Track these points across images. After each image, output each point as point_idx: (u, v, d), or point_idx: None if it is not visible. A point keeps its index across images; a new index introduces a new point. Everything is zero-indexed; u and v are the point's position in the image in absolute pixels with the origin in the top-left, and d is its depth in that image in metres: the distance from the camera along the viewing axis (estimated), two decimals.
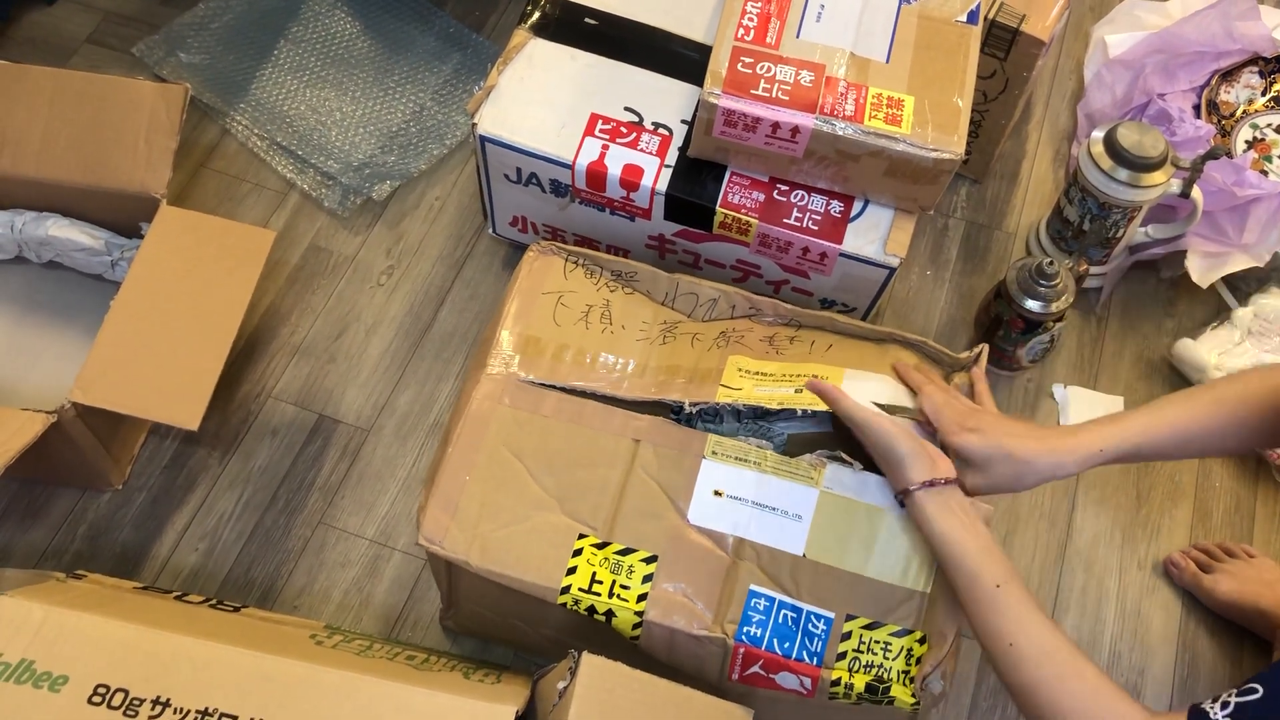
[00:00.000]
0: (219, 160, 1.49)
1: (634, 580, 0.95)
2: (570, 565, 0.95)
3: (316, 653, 0.93)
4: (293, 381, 1.32)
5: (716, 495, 0.98)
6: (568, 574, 0.95)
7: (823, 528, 0.96)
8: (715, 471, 0.99)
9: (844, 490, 0.97)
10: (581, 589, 0.94)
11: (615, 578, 0.95)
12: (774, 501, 0.97)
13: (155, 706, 0.84)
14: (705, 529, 0.97)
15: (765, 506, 0.97)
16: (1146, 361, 1.40)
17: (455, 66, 1.58)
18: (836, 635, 0.93)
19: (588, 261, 1.13)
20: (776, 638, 0.93)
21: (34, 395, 1.26)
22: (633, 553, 0.96)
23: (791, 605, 0.94)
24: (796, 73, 1.11)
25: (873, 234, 1.17)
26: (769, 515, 0.97)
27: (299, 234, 1.43)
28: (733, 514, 0.97)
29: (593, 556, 0.96)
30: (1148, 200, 1.29)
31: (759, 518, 0.97)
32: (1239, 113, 1.47)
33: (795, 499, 0.97)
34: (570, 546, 0.96)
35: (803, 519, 0.97)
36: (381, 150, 1.49)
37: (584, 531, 0.97)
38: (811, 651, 0.93)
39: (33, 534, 1.21)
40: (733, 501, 0.98)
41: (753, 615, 0.94)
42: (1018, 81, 1.35)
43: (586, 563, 0.96)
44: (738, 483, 0.98)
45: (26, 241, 1.30)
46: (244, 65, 1.55)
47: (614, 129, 1.18)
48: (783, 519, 0.97)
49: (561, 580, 0.95)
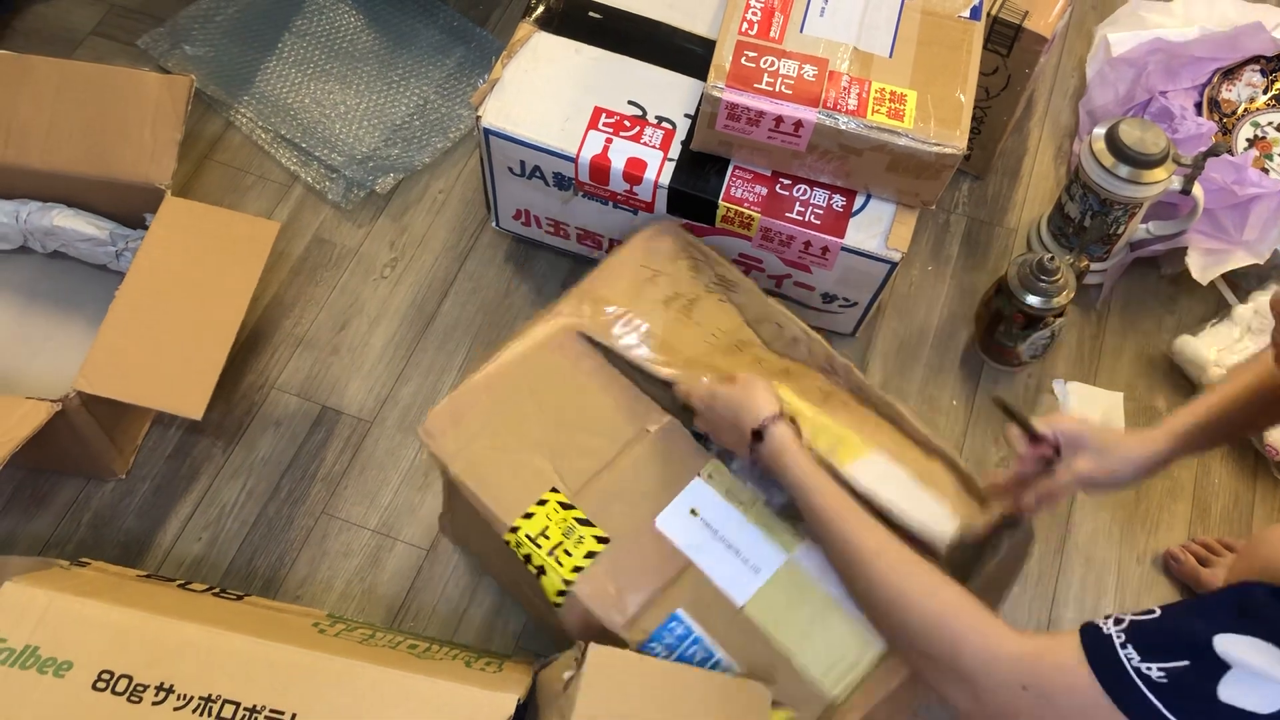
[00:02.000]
0: (223, 152, 1.49)
1: (578, 551, 0.96)
2: (529, 510, 0.98)
3: (319, 640, 0.93)
4: (296, 373, 1.33)
5: (692, 514, 0.98)
6: (524, 517, 0.97)
7: (773, 593, 0.95)
8: (702, 493, 0.99)
9: (811, 569, 0.96)
10: (529, 535, 0.96)
11: (564, 541, 0.96)
12: (741, 546, 0.97)
13: (159, 693, 0.85)
14: (665, 537, 0.97)
15: (730, 546, 0.97)
16: (1147, 358, 1.41)
17: (459, 60, 1.59)
18: None
19: (700, 255, 1.16)
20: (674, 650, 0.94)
21: (39, 384, 1.26)
22: (590, 525, 0.97)
23: (706, 646, 0.93)
24: (800, 67, 1.11)
25: (874, 229, 1.17)
26: (730, 556, 0.97)
27: (303, 226, 1.44)
28: (698, 537, 0.97)
29: (554, 512, 0.97)
30: (1149, 197, 1.29)
31: (720, 553, 0.97)
32: (1240, 111, 1.47)
33: (762, 553, 0.97)
34: (539, 494, 0.98)
35: (759, 574, 0.96)
36: (385, 143, 1.49)
37: (557, 486, 0.99)
38: None
39: (37, 522, 1.21)
40: (703, 527, 0.98)
41: (665, 635, 0.93)
42: (1020, 78, 1.35)
43: (545, 515, 0.97)
44: (716, 513, 0.99)
45: (32, 231, 1.30)
46: (248, 58, 1.56)
47: (617, 122, 1.19)
48: (741, 566, 0.96)
49: (516, 519, 0.97)
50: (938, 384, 1.37)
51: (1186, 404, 0.96)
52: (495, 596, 1.20)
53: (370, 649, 0.93)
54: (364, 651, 0.92)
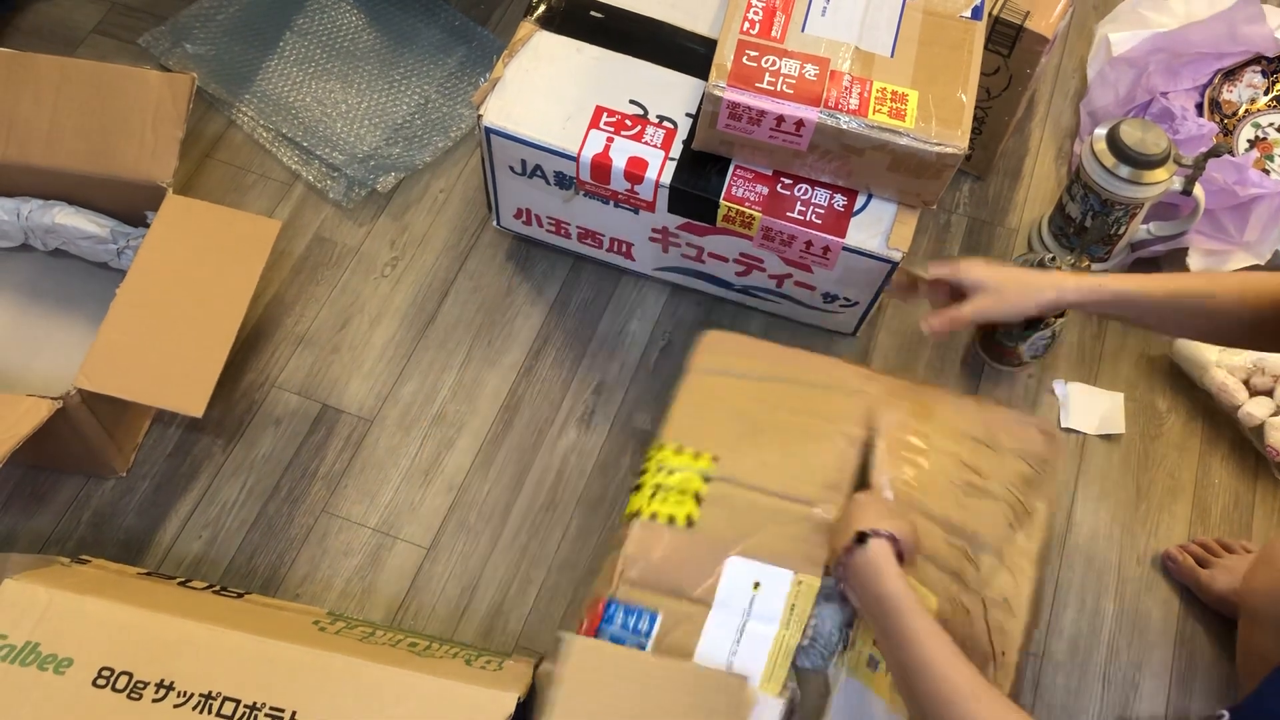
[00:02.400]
0: (225, 151, 1.49)
1: (669, 507, 0.99)
2: (686, 450, 1.03)
3: (319, 638, 0.93)
4: (296, 371, 1.33)
5: (755, 586, 0.96)
6: (677, 451, 1.04)
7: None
8: (777, 581, 0.96)
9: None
10: (664, 462, 1.02)
11: (673, 491, 1.00)
12: (746, 644, 0.94)
13: (159, 689, 0.85)
14: (721, 572, 0.96)
15: (742, 632, 0.95)
16: (1147, 359, 1.41)
17: (461, 59, 1.59)
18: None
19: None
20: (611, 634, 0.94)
21: (39, 382, 1.26)
22: (698, 504, 0.99)
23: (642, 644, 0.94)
24: (801, 66, 1.11)
25: (875, 228, 1.17)
26: (733, 635, 0.94)
27: (304, 225, 1.44)
28: (736, 601, 0.95)
29: (692, 467, 1.02)
30: (1150, 198, 1.29)
31: (730, 625, 0.95)
32: (1241, 111, 1.47)
33: (754, 660, 0.94)
34: (705, 450, 1.03)
35: (733, 666, 0.93)
36: (386, 142, 1.49)
37: (719, 457, 1.02)
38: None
39: (37, 520, 1.21)
40: (747, 600, 0.95)
41: (631, 618, 0.94)
42: (1021, 78, 1.36)
43: (687, 464, 1.02)
44: (765, 605, 0.95)
45: (33, 229, 1.30)
46: (250, 57, 1.56)
47: (619, 122, 1.19)
48: (730, 647, 0.94)
49: (674, 444, 1.04)
50: (938, 384, 1.37)
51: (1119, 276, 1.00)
52: (495, 596, 1.20)
53: (371, 647, 0.93)
54: (364, 649, 0.92)
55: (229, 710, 0.84)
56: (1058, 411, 1.36)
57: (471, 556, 1.22)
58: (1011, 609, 0.96)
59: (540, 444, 1.30)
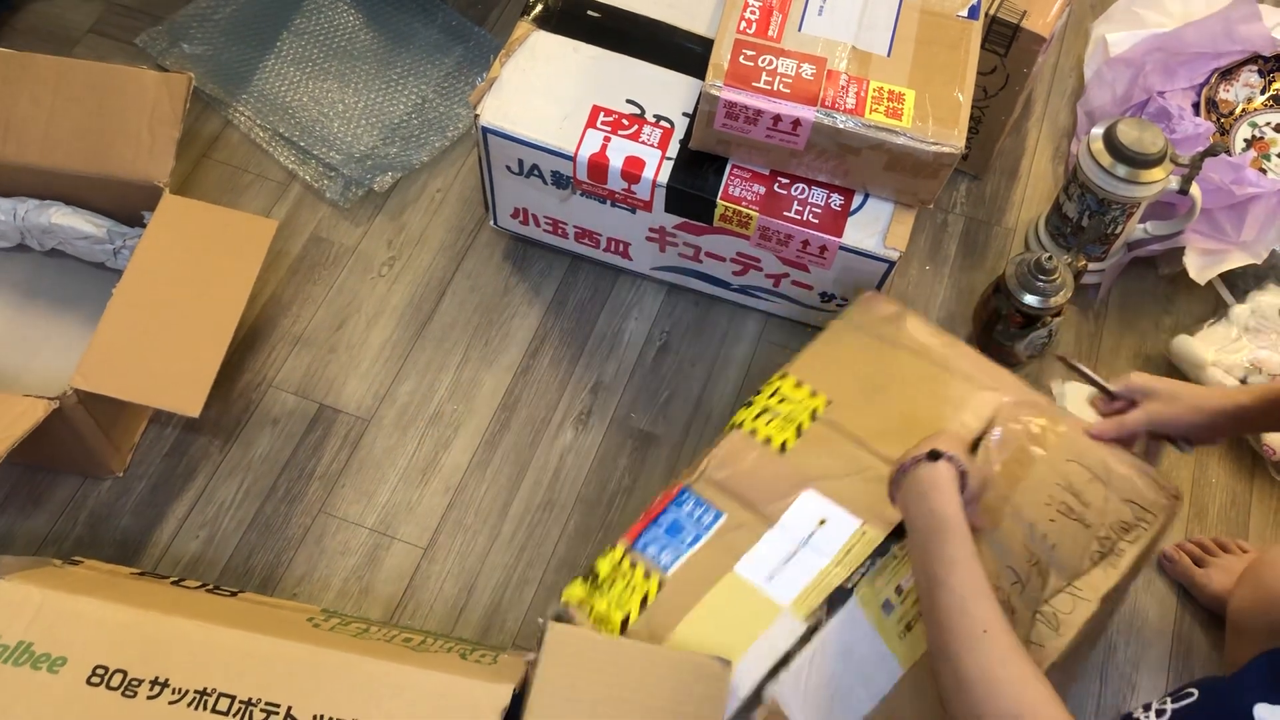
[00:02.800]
0: (221, 151, 1.49)
1: (778, 428, 1.05)
2: (805, 388, 1.08)
3: (314, 635, 0.93)
4: (294, 371, 1.33)
5: (821, 522, 0.98)
6: (798, 385, 1.09)
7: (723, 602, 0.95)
8: (843, 524, 0.98)
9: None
10: (782, 392, 1.08)
11: (787, 415, 1.06)
12: (797, 565, 0.95)
13: (154, 687, 0.85)
14: (796, 502, 0.99)
15: (794, 559, 0.96)
16: (1144, 357, 1.41)
17: (458, 59, 1.59)
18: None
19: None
20: (668, 531, 1.00)
21: (36, 382, 1.26)
22: (800, 435, 1.04)
23: (701, 529, 0.99)
24: (798, 66, 1.11)
25: (873, 228, 1.17)
26: (783, 557, 0.96)
27: (300, 225, 1.44)
28: (801, 527, 0.98)
29: (803, 400, 1.07)
30: (1146, 197, 1.29)
31: (784, 547, 0.97)
32: (1238, 111, 1.47)
33: (792, 581, 0.95)
34: (814, 387, 1.08)
35: (773, 581, 0.95)
36: (383, 142, 1.49)
37: (833, 400, 1.07)
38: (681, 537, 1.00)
39: (34, 520, 1.21)
40: (809, 529, 0.97)
41: (699, 508, 1.01)
42: (1018, 78, 1.36)
43: (802, 400, 1.07)
44: (825, 541, 0.97)
45: (29, 229, 1.30)
46: (247, 57, 1.55)
47: (616, 121, 1.19)
48: (777, 565, 0.96)
49: (805, 378, 1.09)
50: None
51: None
52: (493, 595, 1.20)
53: (365, 642, 0.93)
54: (359, 645, 0.92)
55: (224, 706, 0.84)
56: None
57: (469, 556, 1.22)
58: (1058, 628, 0.95)
59: (537, 443, 1.30)
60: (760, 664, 0.90)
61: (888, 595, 0.93)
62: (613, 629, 0.95)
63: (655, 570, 0.98)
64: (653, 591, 0.97)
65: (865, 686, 0.90)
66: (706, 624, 0.94)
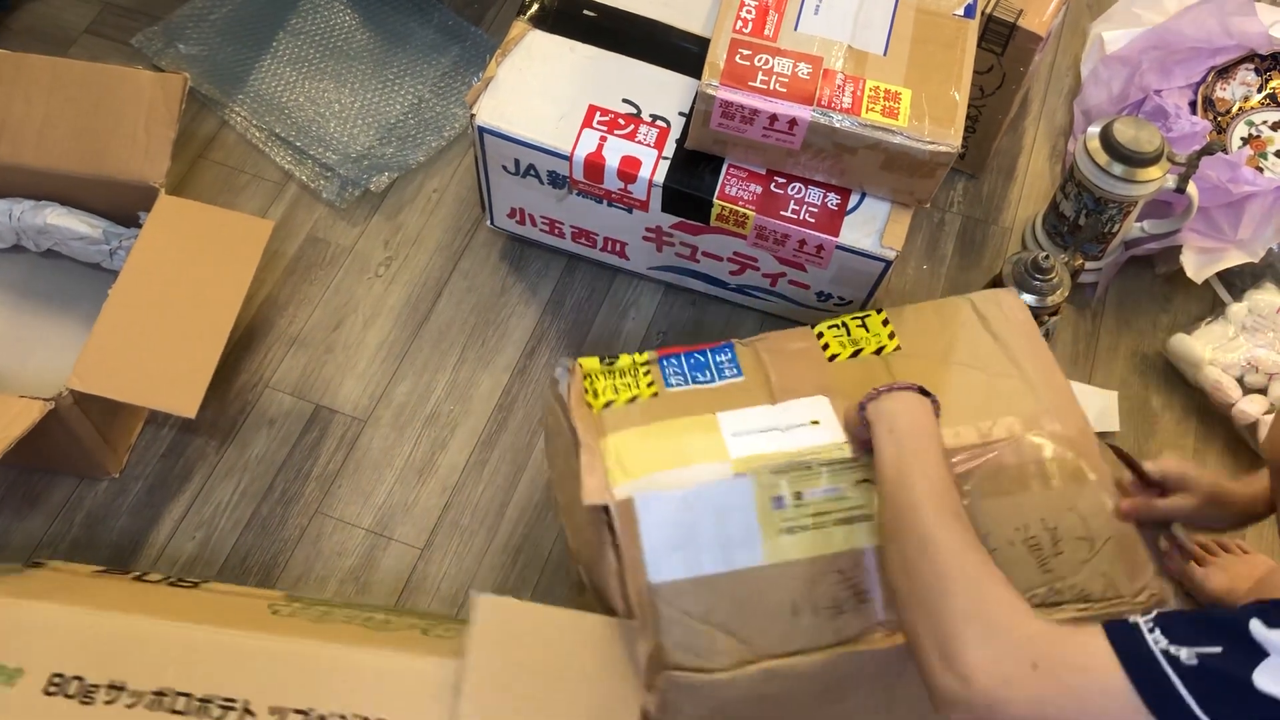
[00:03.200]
0: (217, 151, 1.49)
1: (849, 341, 1.09)
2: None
3: (271, 622, 0.93)
4: (290, 371, 1.33)
5: (813, 423, 1.00)
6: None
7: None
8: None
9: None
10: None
11: (855, 334, 1.09)
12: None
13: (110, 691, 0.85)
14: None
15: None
16: (1141, 356, 1.41)
17: (454, 59, 1.58)
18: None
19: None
20: (692, 365, 1.06)
21: (32, 383, 1.26)
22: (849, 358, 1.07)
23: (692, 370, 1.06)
24: (794, 65, 1.11)
25: (869, 227, 1.17)
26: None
27: (297, 225, 1.43)
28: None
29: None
30: (1143, 195, 1.29)
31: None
32: (1235, 109, 1.47)
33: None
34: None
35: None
36: (380, 142, 1.49)
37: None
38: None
39: (30, 522, 1.21)
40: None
41: (698, 358, 1.06)
42: (1015, 76, 1.36)
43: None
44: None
45: (25, 230, 1.30)
46: (243, 57, 1.55)
47: (612, 121, 1.19)
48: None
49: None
50: None
51: None
52: None
53: (325, 626, 0.93)
54: (318, 630, 0.91)
55: (181, 706, 0.84)
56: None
57: (466, 556, 1.22)
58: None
59: (535, 444, 1.29)
60: (668, 479, 0.93)
61: (786, 494, 0.93)
62: (595, 404, 1.02)
63: (659, 383, 1.04)
64: (643, 396, 1.03)
65: (719, 552, 0.91)
66: (659, 439, 0.98)
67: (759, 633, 0.90)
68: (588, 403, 1.02)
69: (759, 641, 0.90)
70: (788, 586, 0.91)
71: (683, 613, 0.90)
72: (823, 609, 0.91)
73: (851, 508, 0.92)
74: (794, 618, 0.90)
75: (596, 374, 1.05)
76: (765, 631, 0.90)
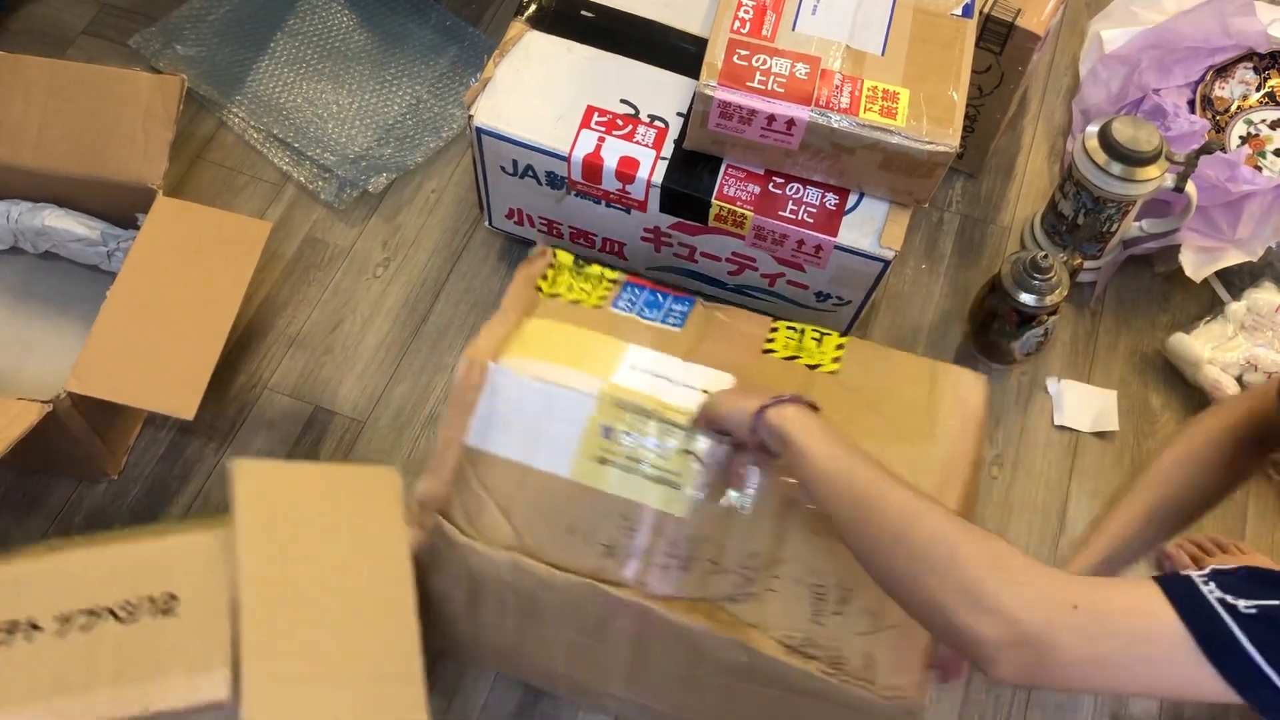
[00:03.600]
0: (215, 152, 1.49)
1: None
2: None
3: (48, 551, 0.95)
4: (289, 373, 1.33)
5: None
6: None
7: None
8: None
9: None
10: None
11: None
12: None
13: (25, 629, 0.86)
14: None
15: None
16: (1140, 355, 1.41)
17: (452, 59, 1.58)
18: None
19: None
20: (649, 301, 1.11)
21: (30, 385, 1.26)
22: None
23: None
24: (792, 65, 1.11)
25: (868, 227, 1.17)
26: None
27: (295, 226, 1.43)
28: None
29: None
30: (1142, 195, 1.29)
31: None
32: (1233, 108, 1.47)
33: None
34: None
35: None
36: (378, 143, 1.49)
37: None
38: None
39: (29, 523, 1.21)
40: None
41: (659, 296, 1.11)
42: (1013, 76, 1.35)
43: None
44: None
45: (23, 232, 1.30)
46: (241, 58, 1.55)
47: (610, 121, 1.18)
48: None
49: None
50: None
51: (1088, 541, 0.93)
52: None
53: (102, 542, 0.94)
54: (95, 542, 0.93)
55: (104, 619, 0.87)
56: (1050, 409, 1.36)
57: None
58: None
59: None
60: (541, 370, 0.98)
61: (616, 429, 0.96)
62: (546, 290, 1.10)
63: (606, 304, 1.09)
64: (587, 303, 1.09)
65: (536, 449, 0.96)
66: (566, 340, 1.02)
67: (531, 532, 0.96)
68: (539, 286, 1.10)
69: (528, 538, 0.95)
70: (576, 508, 0.95)
71: (480, 483, 0.97)
72: (595, 542, 0.95)
73: (665, 469, 0.95)
74: (568, 536, 0.95)
75: (564, 268, 1.12)
76: (537, 534, 0.95)
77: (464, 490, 0.97)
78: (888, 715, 0.91)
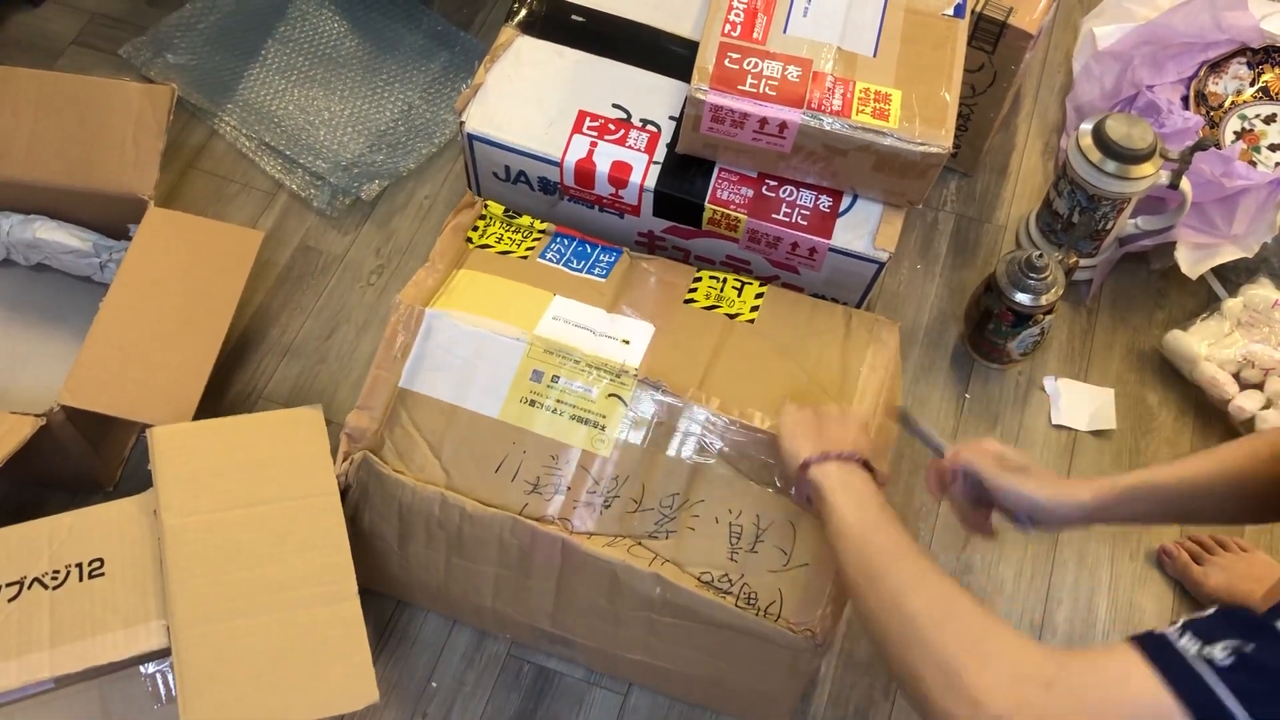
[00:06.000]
0: (207, 161, 1.48)
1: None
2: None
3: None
4: (283, 382, 1.32)
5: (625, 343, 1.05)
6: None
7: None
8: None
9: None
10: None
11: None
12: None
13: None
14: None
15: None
16: (1137, 353, 1.40)
17: (443, 65, 1.58)
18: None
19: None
20: (577, 252, 1.14)
21: (23, 398, 1.25)
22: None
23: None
24: (784, 68, 1.10)
25: (862, 229, 1.17)
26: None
27: (288, 234, 1.43)
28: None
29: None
30: (1137, 192, 1.29)
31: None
32: (1227, 104, 1.47)
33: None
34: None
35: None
36: (370, 149, 1.49)
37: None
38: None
39: None
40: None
41: (588, 248, 1.15)
42: (1006, 74, 1.35)
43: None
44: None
45: (14, 244, 1.29)
46: (231, 65, 1.55)
47: (602, 126, 1.18)
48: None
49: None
50: (928, 382, 1.37)
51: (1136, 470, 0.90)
52: None
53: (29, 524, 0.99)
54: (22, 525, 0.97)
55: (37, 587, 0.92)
56: (1048, 408, 1.36)
57: None
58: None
59: None
60: (472, 320, 1.02)
61: (545, 373, 1.01)
62: (475, 240, 1.14)
63: (534, 255, 1.12)
64: (515, 254, 1.12)
65: (467, 390, 1.01)
66: (493, 291, 1.07)
67: (459, 469, 1.00)
68: (468, 237, 1.14)
69: (456, 475, 1.00)
70: (504, 446, 1.00)
71: (412, 423, 1.01)
72: (522, 480, 0.99)
73: (590, 410, 1.00)
74: (495, 474, 1.00)
75: (495, 219, 1.16)
76: (465, 471, 1.00)
77: (395, 429, 1.02)
78: (796, 647, 0.96)
